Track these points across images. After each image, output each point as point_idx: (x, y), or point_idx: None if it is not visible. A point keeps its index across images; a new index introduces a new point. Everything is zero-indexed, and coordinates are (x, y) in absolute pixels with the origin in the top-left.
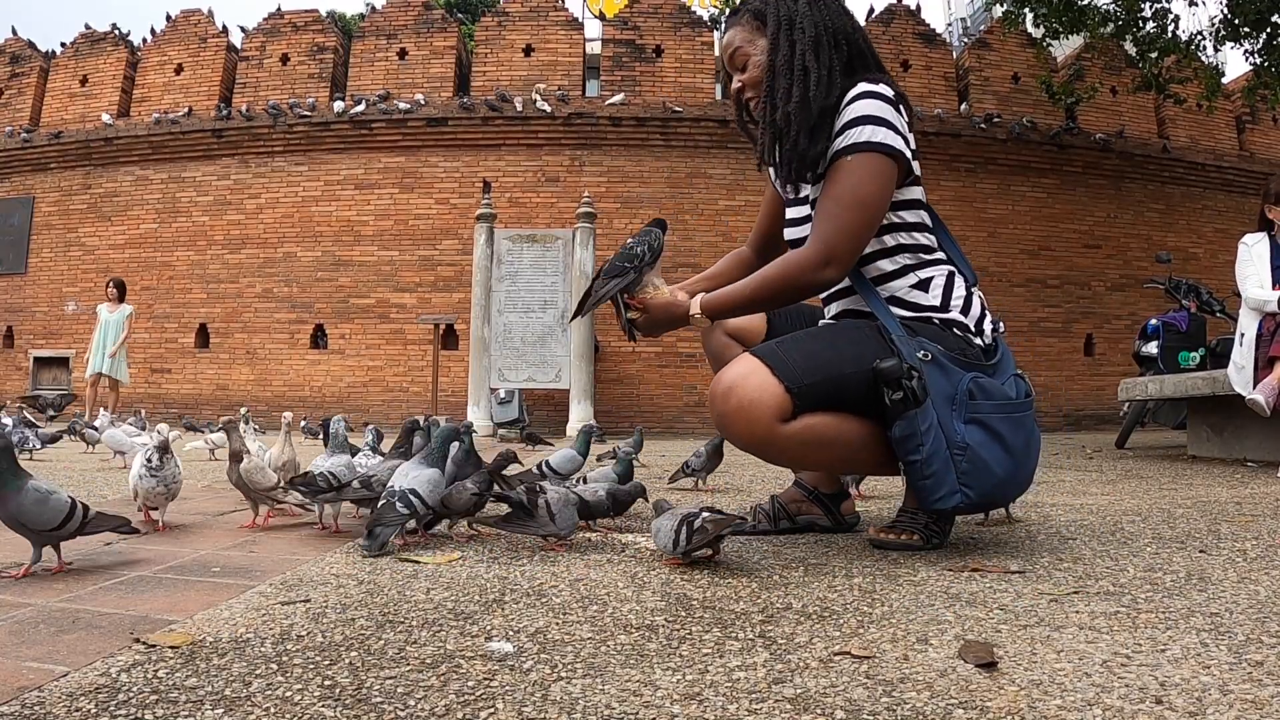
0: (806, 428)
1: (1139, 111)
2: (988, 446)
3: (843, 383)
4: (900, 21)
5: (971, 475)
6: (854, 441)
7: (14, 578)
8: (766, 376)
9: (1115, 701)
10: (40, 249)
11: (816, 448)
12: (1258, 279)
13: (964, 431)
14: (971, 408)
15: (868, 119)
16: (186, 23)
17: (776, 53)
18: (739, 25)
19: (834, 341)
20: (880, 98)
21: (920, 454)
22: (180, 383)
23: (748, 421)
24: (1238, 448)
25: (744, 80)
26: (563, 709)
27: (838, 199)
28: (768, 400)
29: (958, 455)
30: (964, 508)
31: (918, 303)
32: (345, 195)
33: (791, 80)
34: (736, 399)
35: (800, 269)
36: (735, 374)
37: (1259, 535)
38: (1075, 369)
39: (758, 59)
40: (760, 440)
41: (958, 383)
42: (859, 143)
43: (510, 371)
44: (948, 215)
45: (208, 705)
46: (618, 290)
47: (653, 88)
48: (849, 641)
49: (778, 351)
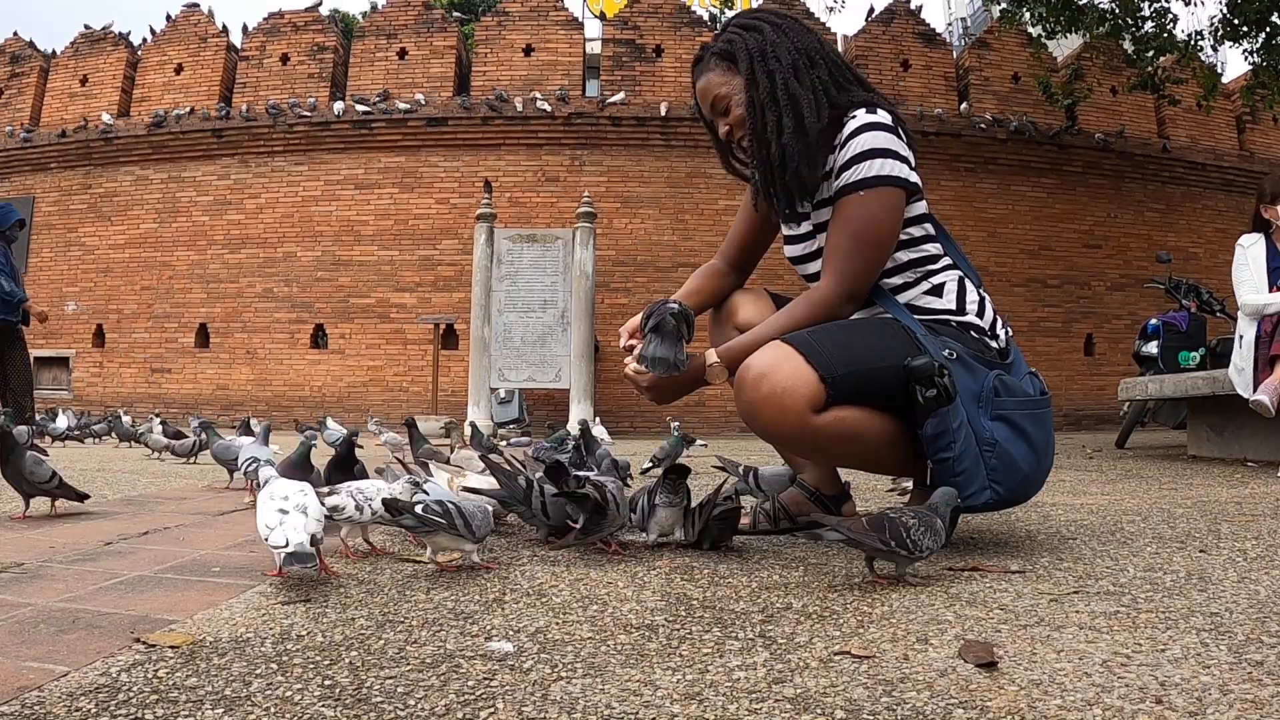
0: (837, 420)
1: (1139, 111)
2: (1014, 443)
3: (873, 377)
4: (900, 21)
5: (1000, 471)
6: (880, 438)
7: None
8: (800, 364)
9: (1115, 701)
10: (40, 249)
11: (843, 442)
12: (1252, 284)
13: (991, 428)
14: (997, 404)
15: (875, 152)
16: (186, 22)
17: (756, 88)
18: (709, 70)
19: (864, 335)
20: (883, 127)
21: (952, 451)
22: (180, 383)
23: (779, 410)
24: (1238, 448)
25: (730, 123)
26: (563, 709)
27: (855, 235)
28: (801, 389)
29: (987, 452)
30: (993, 504)
31: (933, 307)
32: (345, 195)
33: (780, 112)
34: (769, 386)
35: (825, 307)
36: (766, 360)
37: (1259, 535)
38: (1075, 369)
39: (738, 98)
40: (792, 430)
41: (983, 380)
42: (869, 178)
43: (510, 371)
44: (948, 215)
45: (208, 705)
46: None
47: (653, 88)
48: (849, 641)
49: (810, 340)
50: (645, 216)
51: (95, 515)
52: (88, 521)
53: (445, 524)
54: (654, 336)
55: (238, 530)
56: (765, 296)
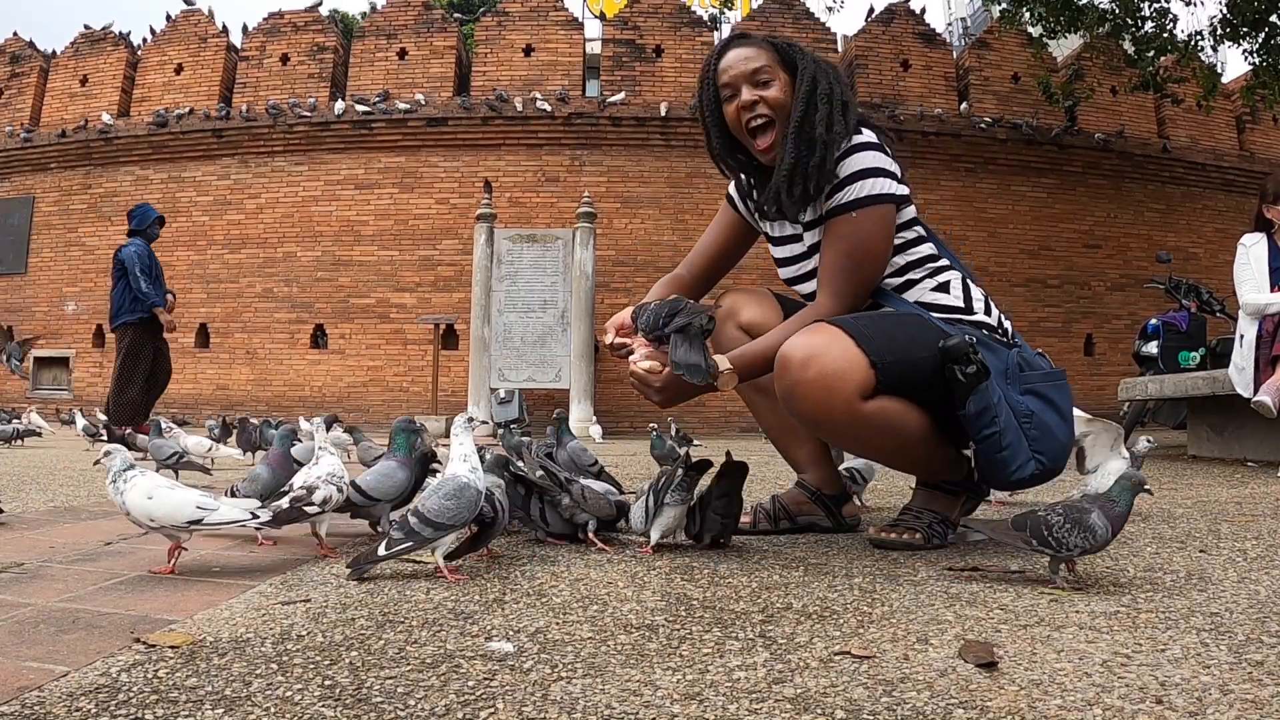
0: (881, 409)
1: (1139, 111)
2: (1047, 413)
3: (914, 366)
4: (900, 21)
5: (1040, 442)
6: (917, 433)
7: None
8: (851, 347)
9: (1115, 701)
10: (40, 249)
11: (884, 433)
12: (1254, 283)
13: (1024, 401)
14: (1023, 379)
15: (868, 172)
16: (186, 22)
17: (816, 84)
18: (758, 46)
19: (898, 325)
20: (872, 147)
21: (997, 425)
22: (180, 383)
23: (828, 393)
24: (1238, 448)
25: (764, 96)
26: (563, 709)
27: (849, 254)
28: (853, 373)
29: (1025, 423)
30: (1039, 475)
31: (942, 303)
32: (345, 195)
33: (831, 108)
34: (818, 368)
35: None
36: (815, 342)
37: (1259, 535)
38: (1075, 369)
39: (782, 85)
40: (840, 415)
41: (1006, 358)
42: (863, 198)
43: (510, 371)
44: (948, 215)
45: (208, 705)
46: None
47: (653, 88)
48: (849, 641)
49: (858, 324)
50: (645, 216)
51: (95, 515)
52: (88, 521)
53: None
54: (680, 339)
55: (238, 530)
56: (770, 297)
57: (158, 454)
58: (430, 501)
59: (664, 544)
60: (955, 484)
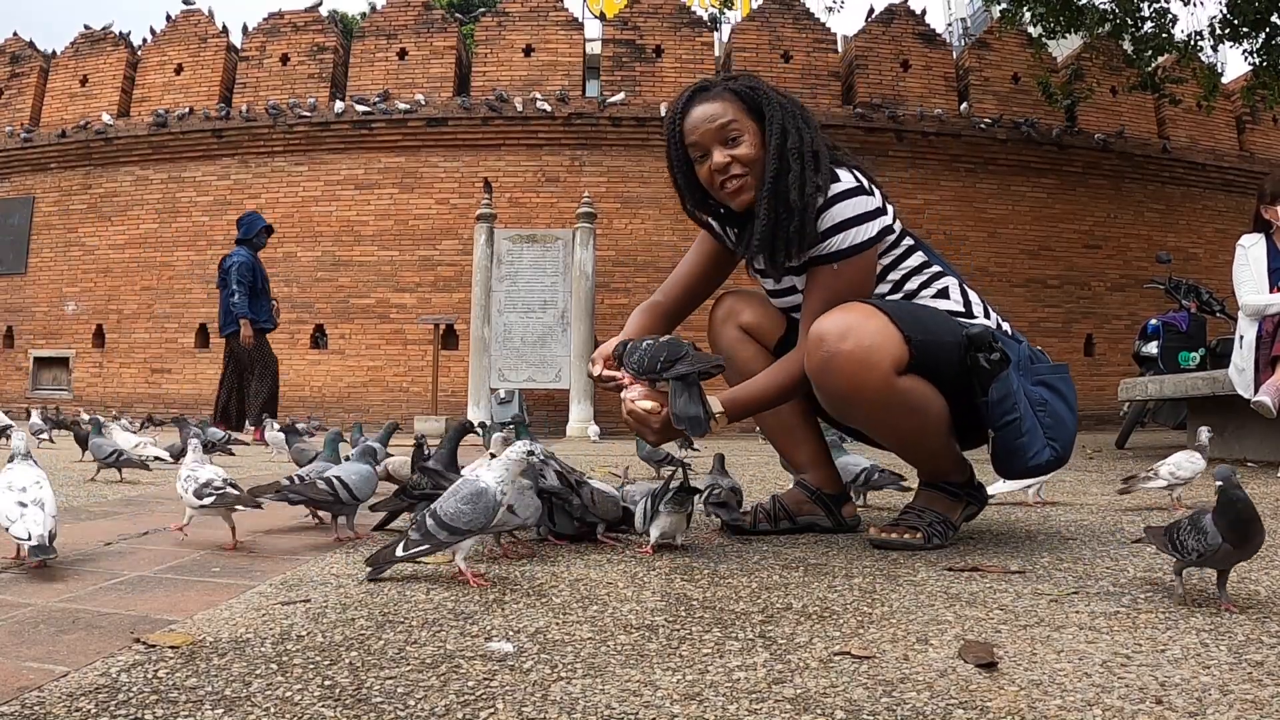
0: (913, 387)
1: (1139, 112)
2: (1057, 402)
3: (941, 348)
4: (900, 21)
5: (1054, 429)
6: (939, 417)
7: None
8: (885, 322)
9: (1115, 701)
10: (40, 249)
11: (910, 412)
12: (1253, 284)
13: (1037, 390)
14: (1034, 371)
15: (848, 223)
16: (186, 22)
17: (785, 138)
18: (722, 100)
19: (923, 310)
20: (849, 195)
21: (1018, 412)
22: (180, 383)
23: (863, 367)
24: (1238, 448)
25: (736, 155)
26: (563, 709)
27: (832, 302)
28: (889, 347)
29: (1040, 411)
30: (1053, 462)
31: (944, 309)
32: (345, 195)
33: (803, 165)
34: (855, 340)
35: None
36: (850, 317)
37: None
38: (1075, 369)
39: (753, 139)
40: (874, 390)
41: (1018, 350)
42: (844, 249)
43: (510, 371)
44: (948, 215)
45: (208, 705)
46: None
47: (653, 88)
48: (849, 641)
49: (887, 303)
50: (645, 217)
51: (95, 515)
52: (88, 521)
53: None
54: (680, 388)
55: (238, 530)
56: (768, 301)
57: (98, 453)
58: (447, 505)
59: (664, 544)
60: (957, 487)
